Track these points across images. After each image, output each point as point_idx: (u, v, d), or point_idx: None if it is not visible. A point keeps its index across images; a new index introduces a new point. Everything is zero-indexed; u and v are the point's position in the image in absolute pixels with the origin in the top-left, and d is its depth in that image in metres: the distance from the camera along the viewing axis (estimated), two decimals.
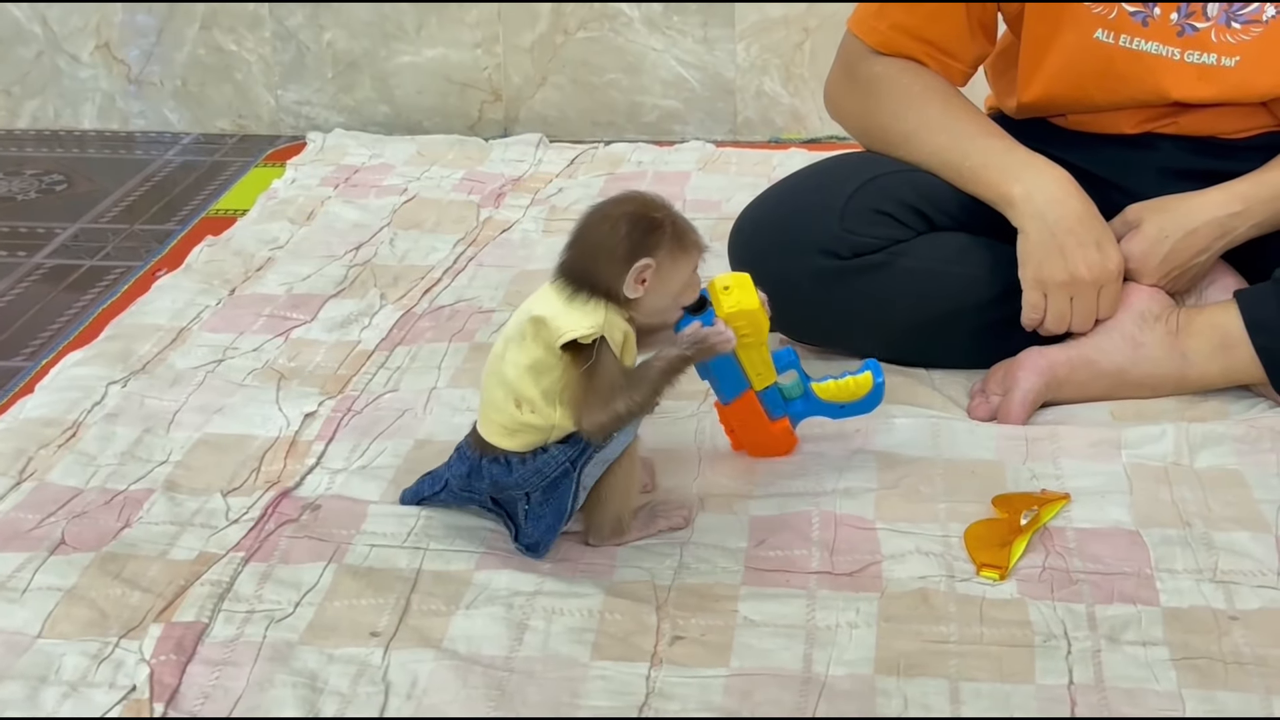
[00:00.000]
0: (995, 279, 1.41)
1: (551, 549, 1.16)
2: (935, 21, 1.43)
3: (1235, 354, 1.35)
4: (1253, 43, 1.34)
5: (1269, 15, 1.33)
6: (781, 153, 2.20)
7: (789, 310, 1.46)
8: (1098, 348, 1.37)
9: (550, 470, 1.12)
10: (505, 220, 1.92)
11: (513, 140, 2.25)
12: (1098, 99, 1.43)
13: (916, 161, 1.44)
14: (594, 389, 1.09)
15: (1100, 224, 1.35)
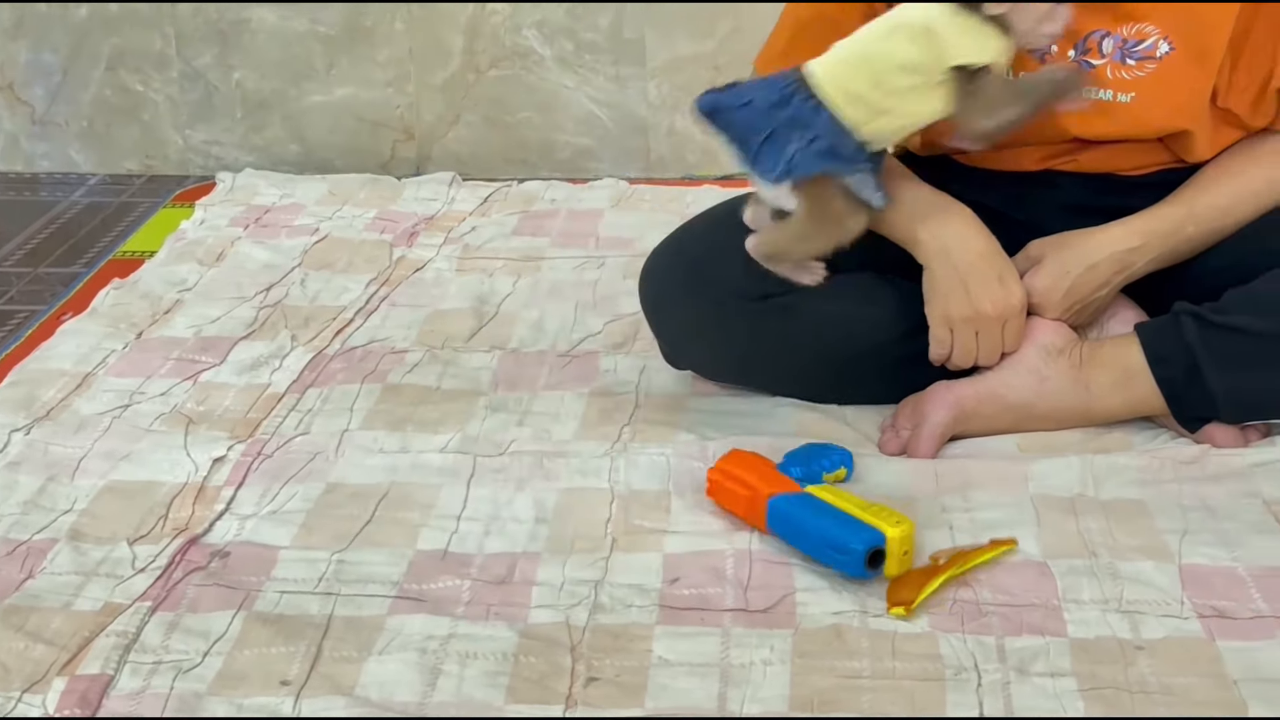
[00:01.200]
0: (902, 316, 1.42)
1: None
2: (805, 57, 1.44)
3: (1137, 386, 1.37)
4: (1147, 79, 1.37)
5: (1162, 52, 1.36)
6: (695, 189, 2.21)
7: (699, 350, 1.48)
8: (1004, 382, 1.39)
9: (846, 151, 1.25)
10: (418, 259, 1.91)
11: (426, 179, 2.25)
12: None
13: None
14: (981, 105, 1.25)
15: (1003, 260, 1.37)
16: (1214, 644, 1.07)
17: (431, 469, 1.36)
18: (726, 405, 1.49)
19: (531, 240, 2.00)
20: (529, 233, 2.03)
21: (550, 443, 1.42)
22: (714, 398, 1.51)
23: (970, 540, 1.23)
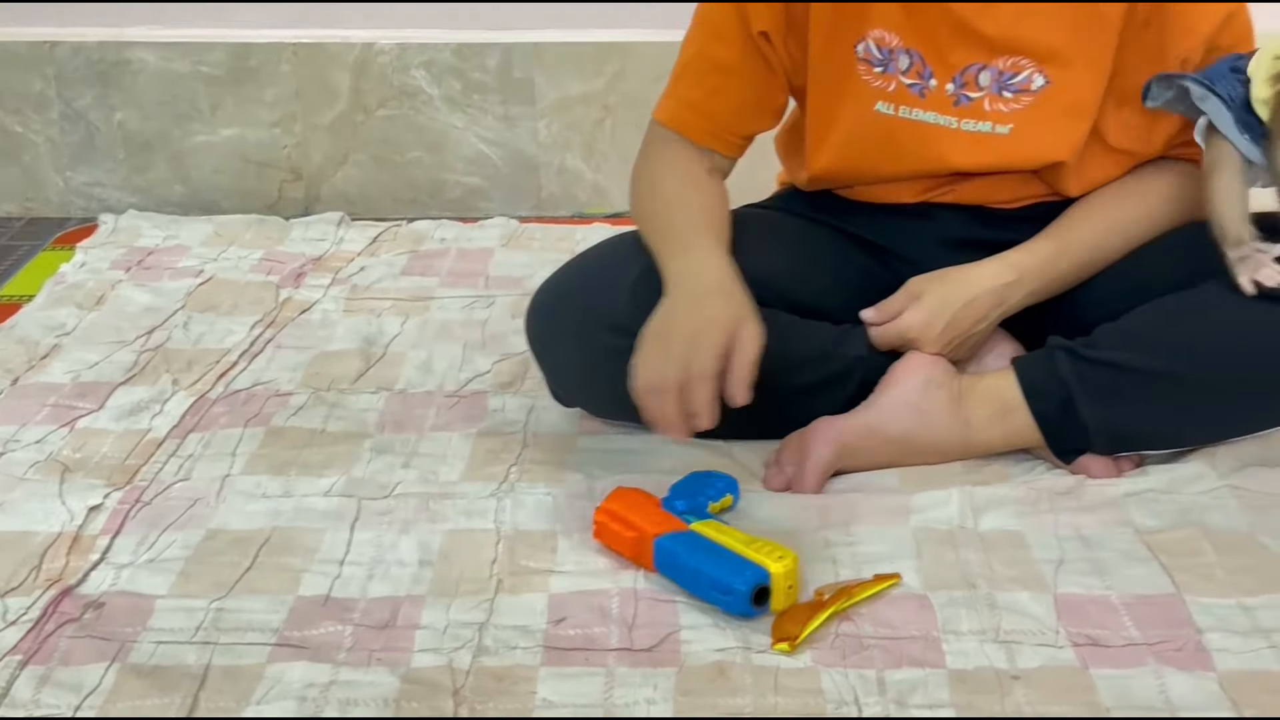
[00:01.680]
0: (788, 350, 1.43)
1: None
2: (719, 96, 1.46)
3: (1014, 419, 1.40)
4: (1024, 111, 1.40)
5: (1038, 85, 1.39)
6: (585, 227, 2.22)
7: (587, 388, 1.48)
8: (885, 415, 1.41)
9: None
10: (305, 300, 1.90)
11: (314, 219, 2.23)
12: (883, 169, 1.48)
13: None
14: None
15: (704, 302, 1.32)
16: (1087, 672, 1.09)
17: (315, 513, 1.34)
18: (615, 443, 1.49)
19: (420, 280, 1.99)
20: (418, 272, 2.02)
21: (436, 484, 1.41)
22: (602, 435, 1.51)
23: (854, 574, 1.24)
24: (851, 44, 1.42)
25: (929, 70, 1.41)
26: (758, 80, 1.45)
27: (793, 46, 1.44)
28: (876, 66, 1.42)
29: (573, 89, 2.30)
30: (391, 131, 2.33)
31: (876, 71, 1.42)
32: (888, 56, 1.42)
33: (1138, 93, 1.38)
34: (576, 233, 2.18)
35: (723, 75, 1.45)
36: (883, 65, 1.42)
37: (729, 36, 1.43)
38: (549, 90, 2.30)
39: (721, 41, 1.44)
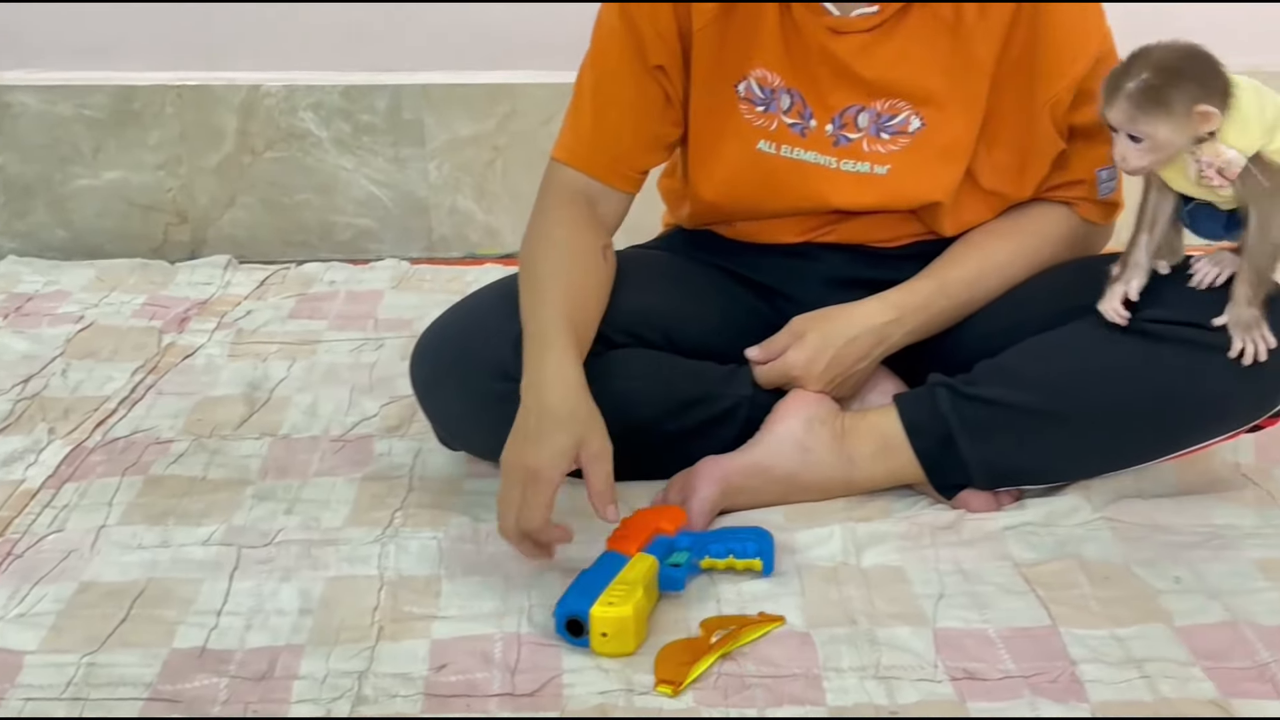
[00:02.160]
0: (672, 391, 1.44)
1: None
2: (617, 130, 1.46)
3: (896, 456, 1.41)
4: (901, 152, 1.43)
5: (915, 127, 1.42)
6: (477, 268, 2.22)
7: (472, 431, 1.47)
8: (769, 454, 1.41)
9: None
10: (188, 345, 1.87)
11: (200, 262, 2.20)
12: (765, 207, 1.49)
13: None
14: None
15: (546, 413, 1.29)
16: (964, 705, 1.10)
17: (193, 563, 1.32)
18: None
19: (308, 323, 1.97)
20: (306, 315, 2.00)
21: (319, 530, 1.39)
22: (489, 478, 1.50)
23: (737, 611, 1.24)
24: (733, 83, 1.44)
25: (809, 110, 1.43)
26: (655, 114, 1.46)
27: (683, 82, 1.45)
28: (758, 106, 1.44)
29: (463, 130, 2.30)
30: (280, 174, 2.31)
31: (758, 110, 1.44)
32: (769, 96, 1.43)
33: (1009, 136, 1.41)
34: (468, 274, 2.18)
35: (621, 110, 1.46)
36: (764, 105, 1.44)
37: (626, 71, 1.44)
38: (439, 131, 2.30)
39: (619, 76, 1.45)
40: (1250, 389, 1.33)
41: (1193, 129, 1.23)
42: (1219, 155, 1.24)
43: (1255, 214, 1.26)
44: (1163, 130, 1.23)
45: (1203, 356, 1.30)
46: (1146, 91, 1.22)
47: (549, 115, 2.28)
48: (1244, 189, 1.25)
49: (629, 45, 1.43)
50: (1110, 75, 1.26)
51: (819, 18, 1.39)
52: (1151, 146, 1.25)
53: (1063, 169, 1.45)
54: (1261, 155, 1.25)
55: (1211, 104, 1.22)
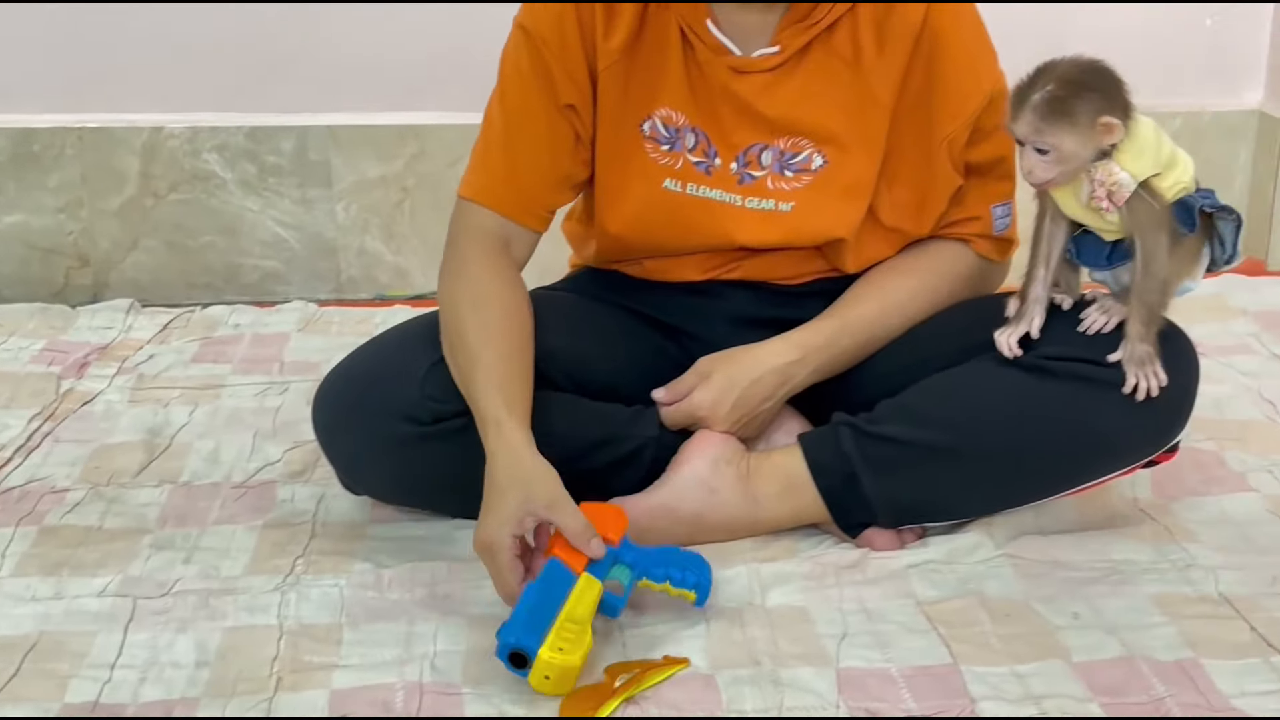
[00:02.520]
0: (578, 433, 1.44)
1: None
2: (527, 169, 1.46)
3: (801, 495, 1.42)
4: (805, 190, 1.44)
5: (817, 165, 1.43)
6: (386, 309, 2.21)
7: (376, 475, 1.46)
8: (675, 495, 1.41)
9: None
10: (88, 391, 1.84)
11: (101, 306, 2.17)
12: (671, 244, 1.49)
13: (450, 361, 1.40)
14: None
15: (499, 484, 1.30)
16: None
17: (87, 615, 1.29)
18: (406, 530, 1.47)
19: (212, 367, 1.94)
20: (210, 359, 1.98)
21: (218, 579, 1.37)
22: (393, 523, 1.49)
23: (643, 654, 1.24)
24: (639, 122, 1.44)
25: (714, 149, 1.43)
26: (566, 153, 1.46)
27: (591, 121, 1.46)
28: (663, 144, 1.45)
29: (371, 171, 2.29)
30: (184, 216, 2.28)
31: (663, 149, 1.45)
32: (674, 135, 1.44)
33: (908, 173, 1.43)
34: (376, 315, 2.16)
35: (533, 148, 1.45)
36: (669, 143, 1.44)
37: (537, 110, 1.44)
38: (346, 172, 2.29)
39: (530, 115, 1.44)
40: (1146, 425, 1.36)
41: (1096, 140, 1.25)
42: (1111, 175, 1.26)
43: (1141, 248, 1.28)
44: (1068, 141, 1.25)
45: (1099, 393, 1.32)
46: (1052, 103, 1.25)
47: (457, 156, 2.27)
48: (1131, 217, 1.28)
49: (539, 84, 1.43)
50: (1016, 89, 1.28)
51: (721, 57, 1.40)
52: (1057, 158, 1.26)
53: (959, 206, 1.47)
54: (1150, 185, 1.27)
55: (1114, 116, 1.25)
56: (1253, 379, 1.85)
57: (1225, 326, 2.06)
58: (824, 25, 1.38)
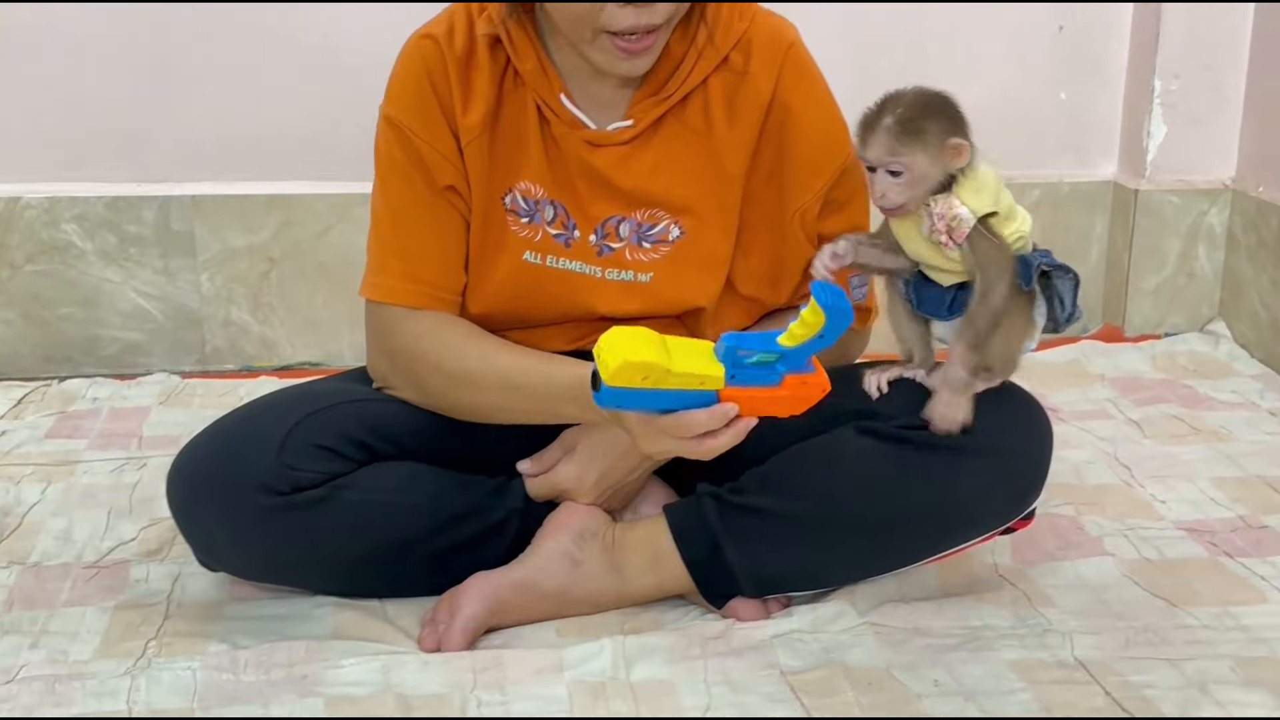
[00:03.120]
0: (442, 505, 1.42)
1: None
2: (424, 258, 1.45)
3: (667, 566, 1.41)
4: (663, 260, 1.45)
5: (674, 236, 1.44)
6: (251, 381, 2.17)
7: (233, 551, 1.42)
8: (539, 569, 1.40)
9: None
10: None
11: None
12: (533, 316, 1.49)
13: (494, 406, 1.42)
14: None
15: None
16: None
17: None
18: (263, 609, 1.44)
19: (67, 443, 1.89)
20: (65, 435, 1.92)
21: (66, 664, 1.32)
22: (251, 602, 1.46)
23: None
24: (500, 195, 1.44)
25: (573, 221, 1.44)
26: (458, 235, 1.45)
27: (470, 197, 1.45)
28: (523, 217, 1.45)
29: (236, 241, 2.26)
30: (41, 287, 2.22)
31: (524, 222, 1.45)
32: (533, 208, 1.44)
33: (762, 244, 1.45)
34: (242, 387, 2.12)
35: (424, 237, 1.44)
36: (529, 216, 1.45)
37: (420, 198, 1.43)
38: (211, 242, 2.25)
39: (413, 205, 1.43)
40: (1003, 492, 1.38)
41: (946, 162, 1.28)
42: (951, 209, 1.28)
43: (981, 280, 1.31)
44: (920, 160, 1.28)
45: (956, 462, 1.34)
46: (904, 123, 1.27)
47: (326, 226, 2.26)
48: (973, 253, 1.30)
49: (417, 173, 1.43)
50: (864, 117, 1.30)
51: (576, 131, 1.41)
52: (910, 180, 1.29)
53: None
54: (990, 224, 1.30)
55: (964, 138, 1.28)
56: (1109, 444, 1.89)
57: (1084, 392, 2.11)
58: (676, 99, 1.40)
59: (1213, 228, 2.39)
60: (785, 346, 1.20)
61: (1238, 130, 2.39)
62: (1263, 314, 2.27)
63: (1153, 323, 2.43)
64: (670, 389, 1.18)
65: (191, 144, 2.24)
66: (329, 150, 2.24)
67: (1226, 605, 1.44)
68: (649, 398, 1.19)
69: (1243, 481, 1.76)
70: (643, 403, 1.19)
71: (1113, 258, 2.47)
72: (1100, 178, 2.48)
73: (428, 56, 1.41)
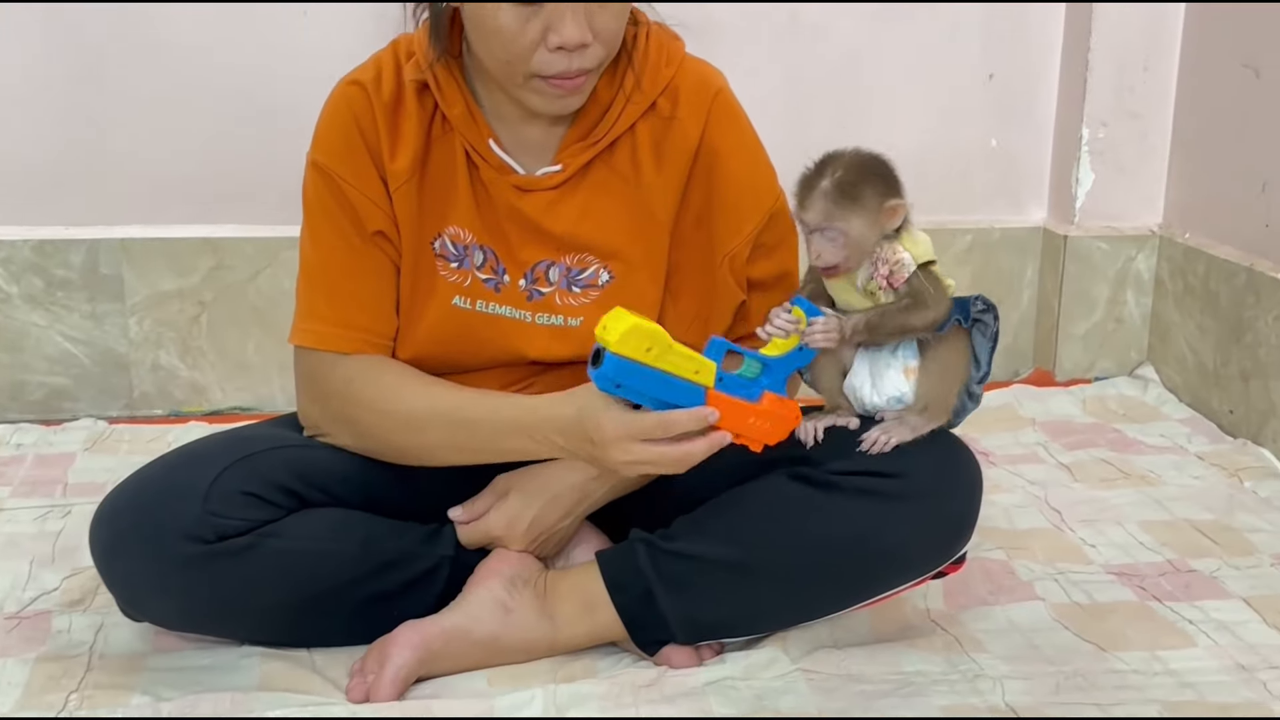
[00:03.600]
0: (372, 552, 1.41)
1: None
2: (355, 304, 1.43)
3: (599, 613, 1.40)
4: (593, 304, 1.44)
5: (604, 280, 1.44)
6: (180, 427, 2.14)
7: (157, 600, 1.40)
8: (470, 617, 1.39)
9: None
10: None
11: None
12: (463, 361, 1.48)
13: (437, 446, 1.40)
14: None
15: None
16: None
17: None
18: (188, 659, 1.42)
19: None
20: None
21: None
22: (176, 653, 1.43)
23: None
24: (430, 240, 1.44)
25: (502, 266, 1.44)
26: (386, 280, 1.44)
27: (399, 242, 1.44)
28: (453, 262, 1.44)
29: (166, 285, 2.23)
30: None
31: (453, 267, 1.44)
32: (463, 253, 1.44)
33: (692, 289, 1.46)
34: (170, 433, 2.10)
35: (353, 282, 1.43)
36: (458, 261, 1.44)
37: (349, 244, 1.42)
38: (140, 286, 2.22)
39: (342, 250, 1.42)
40: (934, 537, 1.38)
41: (882, 224, 1.30)
42: (895, 254, 1.31)
43: (911, 300, 1.32)
44: (856, 224, 1.30)
45: (887, 507, 1.34)
46: (841, 188, 1.29)
47: (257, 269, 2.24)
48: (908, 292, 1.32)
49: (345, 218, 1.42)
50: (803, 179, 1.32)
51: (505, 176, 1.41)
52: (846, 243, 1.30)
53: (744, 321, 1.49)
54: (930, 270, 1.32)
55: (900, 198, 1.30)
56: (1040, 488, 1.91)
57: (1015, 437, 2.12)
58: (604, 144, 1.41)
59: (1140, 273, 2.43)
60: (769, 356, 1.26)
61: (1164, 178, 2.43)
62: (1190, 358, 2.30)
63: (1083, 367, 2.45)
64: (667, 371, 1.20)
65: (121, 187, 2.21)
66: (260, 193, 2.22)
67: (1155, 650, 1.45)
68: (647, 377, 1.19)
69: (1170, 525, 1.78)
70: (640, 382, 1.20)
71: (1043, 303, 2.50)
72: (1030, 224, 2.51)
73: (355, 103, 1.41)
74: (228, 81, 2.19)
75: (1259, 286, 2.10)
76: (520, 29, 1.28)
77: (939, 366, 1.35)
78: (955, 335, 1.35)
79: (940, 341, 1.35)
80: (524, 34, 1.28)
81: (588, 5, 1.28)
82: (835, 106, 2.35)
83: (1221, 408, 2.20)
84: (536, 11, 1.27)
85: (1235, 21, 2.20)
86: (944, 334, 1.34)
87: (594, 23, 1.29)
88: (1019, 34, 2.41)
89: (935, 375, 1.35)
